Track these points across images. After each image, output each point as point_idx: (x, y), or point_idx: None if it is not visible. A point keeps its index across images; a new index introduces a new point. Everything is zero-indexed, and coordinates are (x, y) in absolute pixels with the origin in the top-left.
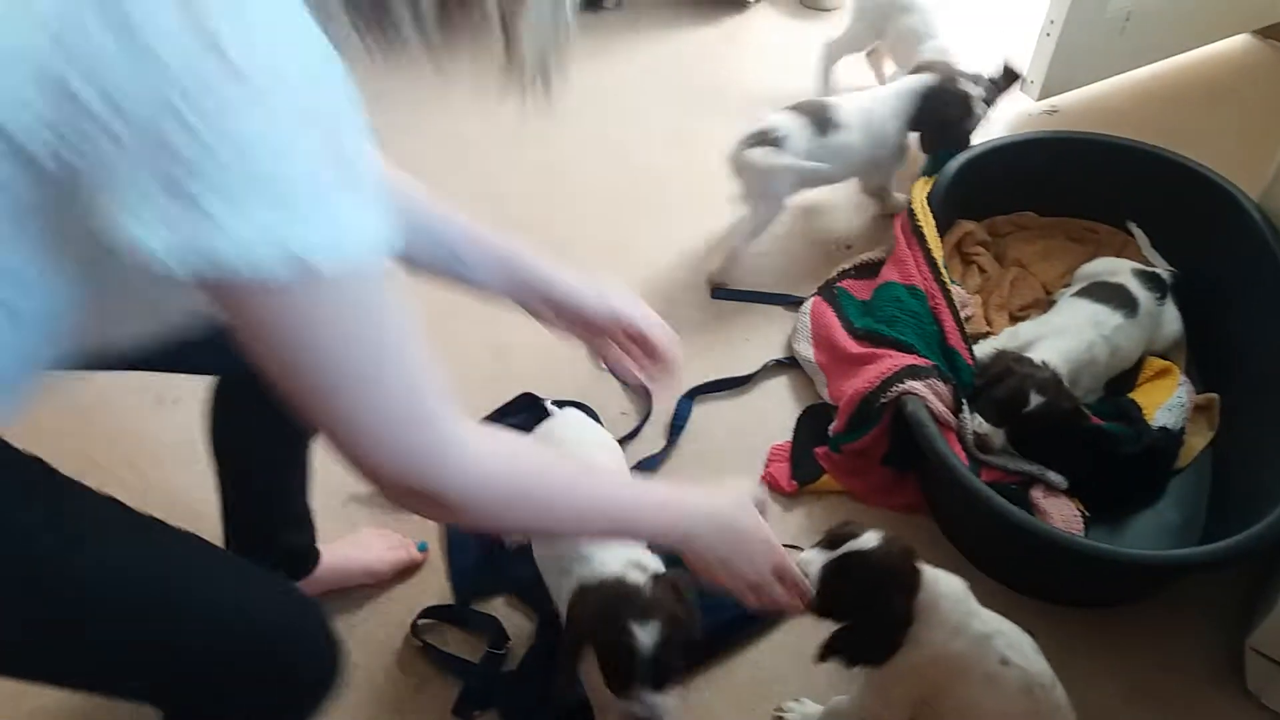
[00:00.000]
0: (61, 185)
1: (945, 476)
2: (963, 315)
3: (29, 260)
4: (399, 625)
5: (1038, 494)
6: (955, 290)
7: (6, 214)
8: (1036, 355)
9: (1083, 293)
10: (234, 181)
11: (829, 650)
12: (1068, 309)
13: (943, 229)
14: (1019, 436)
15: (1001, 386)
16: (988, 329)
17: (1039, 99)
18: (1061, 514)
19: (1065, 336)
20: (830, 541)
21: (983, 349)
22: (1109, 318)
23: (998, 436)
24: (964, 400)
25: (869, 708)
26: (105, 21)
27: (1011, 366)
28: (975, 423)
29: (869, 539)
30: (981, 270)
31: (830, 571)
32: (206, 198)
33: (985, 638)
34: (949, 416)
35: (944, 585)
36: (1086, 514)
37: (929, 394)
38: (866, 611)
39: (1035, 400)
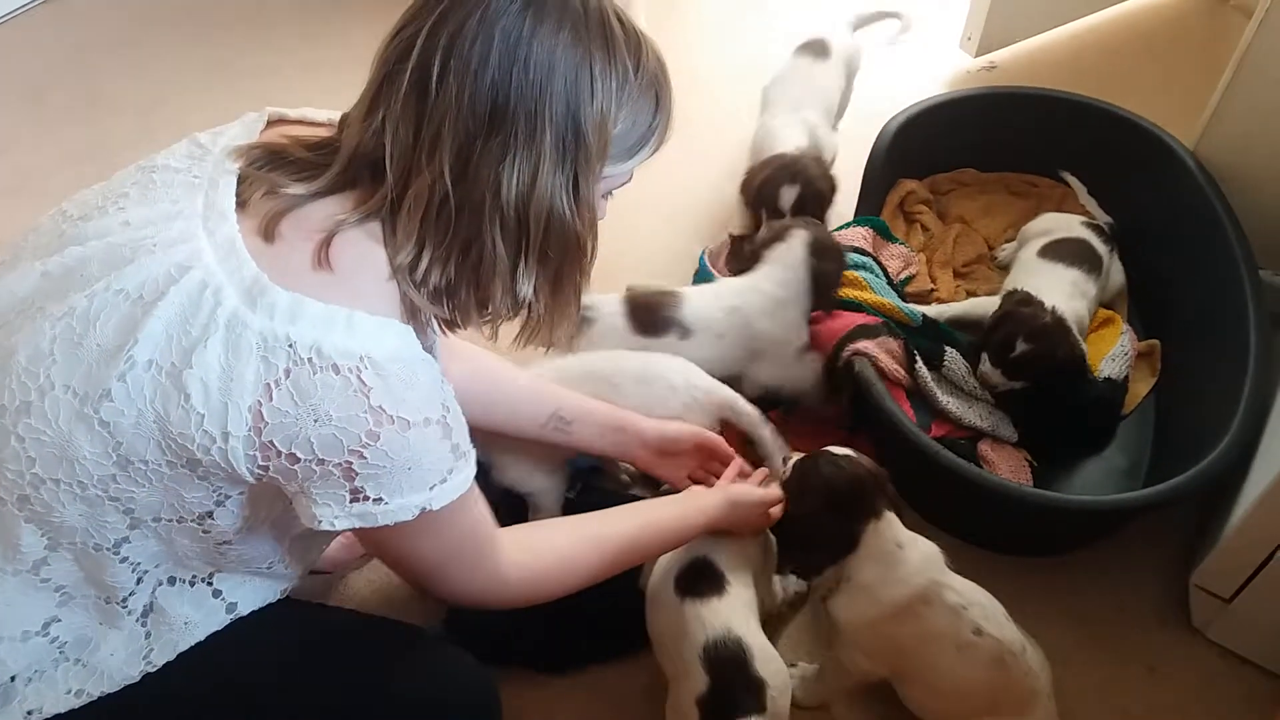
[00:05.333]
0: (262, 485)
1: (894, 434)
2: (908, 273)
3: (239, 518)
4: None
5: (985, 447)
6: (898, 249)
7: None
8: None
9: (1051, 254)
10: (393, 481)
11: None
12: (1045, 272)
13: (884, 188)
14: (1013, 375)
15: (1000, 330)
16: (932, 286)
17: (977, 55)
18: (1009, 465)
19: (1056, 297)
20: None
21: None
22: (1087, 285)
23: (995, 375)
24: (916, 354)
25: (843, 657)
26: (301, 409)
27: (1010, 310)
28: (981, 362)
29: (839, 450)
30: (924, 228)
31: (797, 464)
32: (375, 494)
33: (959, 609)
34: (900, 373)
35: (909, 539)
36: (1034, 464)
37: (879, 352)
38: (804, 508)
39: (1022, 348)
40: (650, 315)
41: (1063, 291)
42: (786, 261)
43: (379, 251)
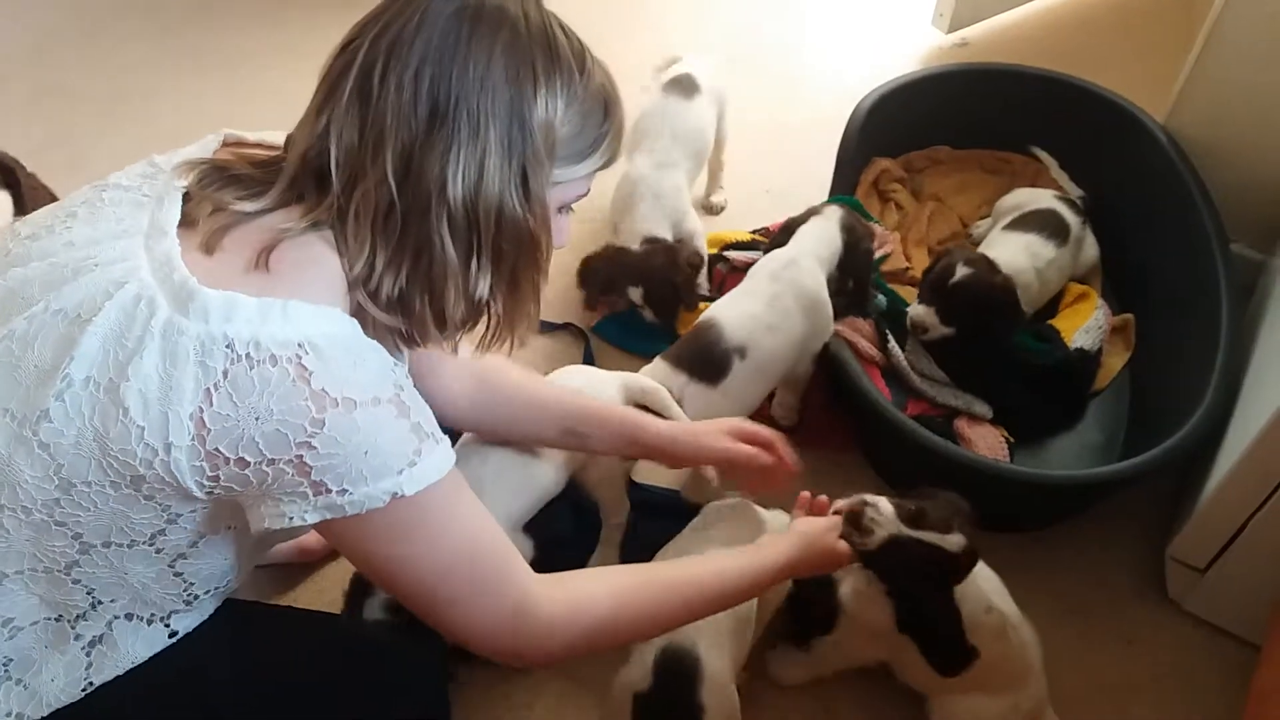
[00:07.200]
0: (215, 502)
1: (871, 413)
2: (883, 252)
3: (193, 533)
4: (332, 603)
5: (962, 424)
6: (873, 228)
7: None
8: None
9: (1015, 224)
10: (351, 469)
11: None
12: (1003, 241)
13: (858, 167)
14: (949, 311)
15: (936, 268)
16: (907, 264)
17: (949, 32)
18: (986, 441)
19: (1004, 257)
20: (915, 517)
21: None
22: (1043, 249)
23: (930, 315)
24: (887, 333)
25: (850, 645)
26: (241, 410)
27: (949, 250)
28: (912, 310)
29: (953, 541)
30: (899, 206)
31: (900, 543)
32: (337, 485)
33: (979, 590)
34: (873, 352)
35: None
36: (1011, 440)
37: (852, 332)
38: (913, 594)
39: (962, 271)
40: (702, 352)
41: (1011, 250)
42: (823, 235)
43: (331, 257)
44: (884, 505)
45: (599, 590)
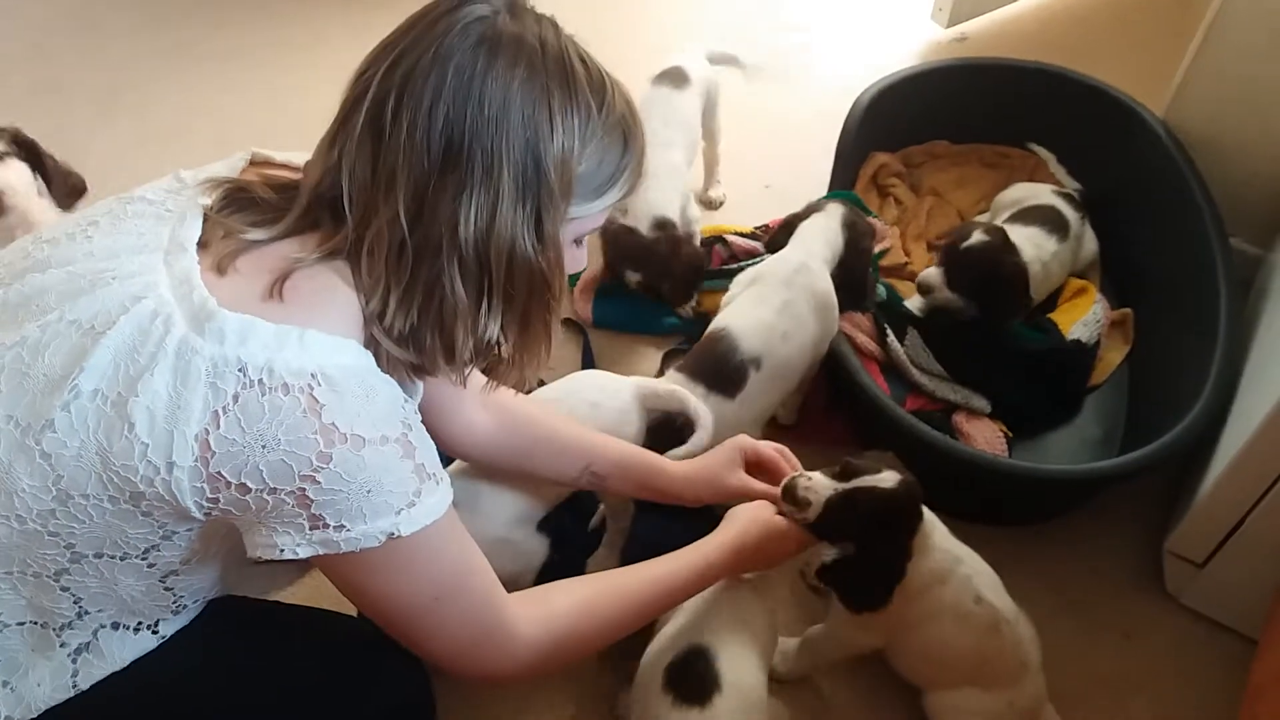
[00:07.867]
0: (210, 522)
1: (870, 408)
2: (882, 247)
3: (186, 550)
4: (325, 601)
5: (960, 419)
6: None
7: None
8: None
9: (1017, 218)
10: (352, 506)
11: (826, 576)
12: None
13: (857, 162)
14: (957, 275)
15: (956, 233)
16: (906, 259)
17: (948, 26)
18: (984, 436)
19: None
20: (843, 472)
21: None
22: (1045, 241)
23: (938, 276)
24: (885, 326)
25: (843, 634)
26: (248, 436)
27: (968, 222)
28: (924, 273)
29: (887, 478)
30: (898, 201)
31: (837, 501)
32: (335, 521)
33: (966, 579)
34: (871, 346)
35: (934, 526)
36: (1009, 434)
37: (847, 326)
38: (868, 546)
39: (977, 238)
40: (717, 364)
41: (1016, 241)
42: (826, 233)
43: (346, 289)
44: (814, 474)
45: (562, 604)
